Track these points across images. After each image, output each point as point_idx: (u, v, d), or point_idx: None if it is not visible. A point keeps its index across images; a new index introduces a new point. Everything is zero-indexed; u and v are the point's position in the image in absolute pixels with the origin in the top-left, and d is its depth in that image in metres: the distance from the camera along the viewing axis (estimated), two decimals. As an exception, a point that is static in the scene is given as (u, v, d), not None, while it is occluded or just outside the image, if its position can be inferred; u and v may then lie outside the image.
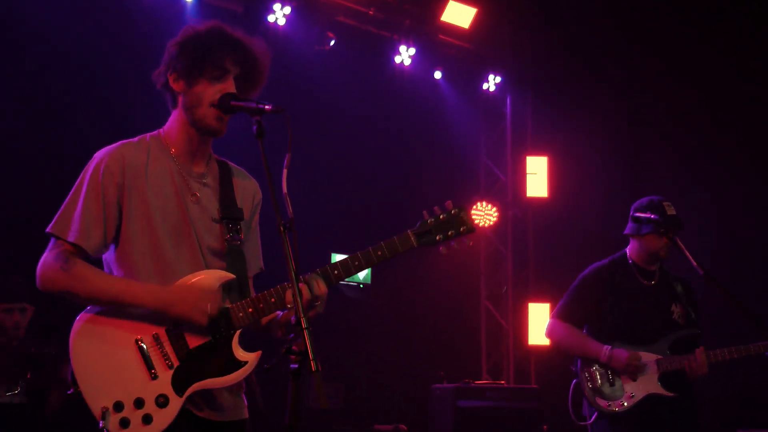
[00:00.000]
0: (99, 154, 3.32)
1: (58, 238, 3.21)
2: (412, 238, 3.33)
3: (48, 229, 3.23)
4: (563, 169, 10.51)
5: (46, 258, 3.20)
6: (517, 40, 10.61)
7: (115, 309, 3.20)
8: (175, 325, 3.19)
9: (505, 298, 10.67)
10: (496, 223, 10.51)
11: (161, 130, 3.44)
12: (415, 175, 9.78)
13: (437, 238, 3.33)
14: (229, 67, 3.29)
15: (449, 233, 3.34)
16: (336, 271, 3.28)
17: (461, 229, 3.35)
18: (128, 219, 3.25)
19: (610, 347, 5.32)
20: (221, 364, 3.19)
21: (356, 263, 3.29)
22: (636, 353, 5.30)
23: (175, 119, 3.40)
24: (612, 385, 5.33)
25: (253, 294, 3.43)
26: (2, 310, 6.23)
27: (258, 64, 3.36)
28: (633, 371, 5.28)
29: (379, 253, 3.30)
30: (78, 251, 3.20)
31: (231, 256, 3.33)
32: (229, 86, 3.28)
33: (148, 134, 3.43)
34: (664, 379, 5.31)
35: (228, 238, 3.33)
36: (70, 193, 3.28)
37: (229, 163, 3.55)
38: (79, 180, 3.29)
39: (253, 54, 3.35)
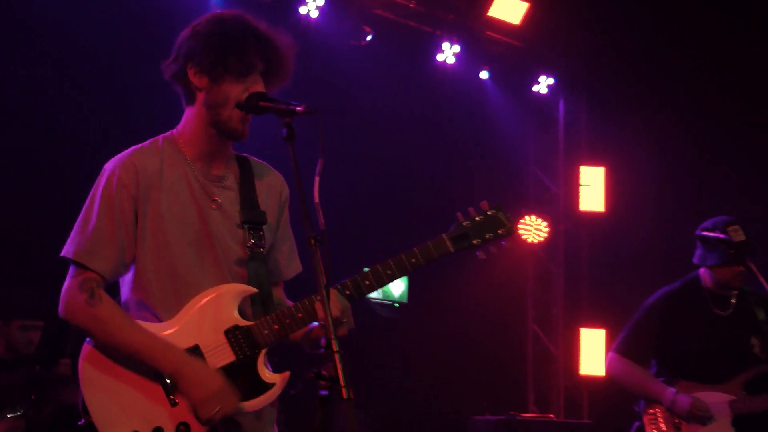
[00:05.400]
0: (109, 166, 3.26)
1: (78, 264, 3.17)
2: (448, 243, 3.32)
3: (63, 253, 3.19)
4: (622, 181, 10.43)
5: (71, 286, 3.16)
6: (573, 39, 10.48)
7: None
8: (194, 348, 3.17)
9: (554, 322, 10.62)
10: (546, 239, 10.46)
11: (175, 131, 3.38)
12: (458, 185, 9.73)
13: (474, 242, 3.34)
14: (256, 64, 3.25)
15: (486, 236, 3.35)
16: (367, 281, 3.28)
17: (499, 231, 3.36)
18: (143, 235, 3.21)
19: (674, 391, 5.21)
20: (246, 387, 3.16)
21: (388, 272, 3.28)
22: (700, 403, 5.16)
23: (192, 117, 3.33)
24: (678, 430, 5.23)
25: (287, 301, 3.44)
26: (18, 327, 6.34)
27: (284, 60, 3.33)
28: (698, 419, 5.17)
29: (413, 260, 3.28)
30: (102, 280, 3.17)
31: (253, 264, 3.30)
32: (257, 84, 3.24)
33: (161, 136, 3.37)
34: (740, 422, 5.18)
35: (251, 244, 3.31)
36: (82, 210, 3.24)
37: (250, 158, 3.50)
38: (90, 196, 3.25)
39: (280, 49, 3.31)
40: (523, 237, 10.23)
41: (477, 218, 3.36)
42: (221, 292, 3.22)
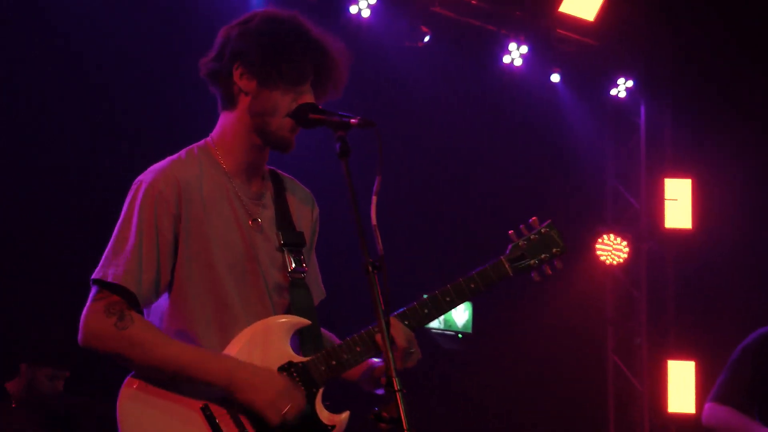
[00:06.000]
0: (147, 178, 3.19)
1: (105, 285, 3.08)
2: (507, 266, 3.39)
3: (96, 276, 3.10)
4: (711, 195, 10.42)
5: (95, 308, 3.08)
6: (654, 36, 10.43)
7: None
8: None
9: (638, 353, 10.56)
10: (626, 260, 10.42)
11: (209, 139, 3.33)
12: (527, 199, 9.62)
13: (531, 263, 3.41)
14: (309, 73, 3.24)
15: (542, 256, 3.43)
16: (426, 310, 3.31)
17: (553, 250, 3.43)
18: (184, 257, 3.16)
19: None
20: (304, 429, 3.15)
21: (447, 299, 3.33)
22: None
23: (231, 124, 3.28)
24: None
25: (324, 331, 3.44)
26: (46, 376, 6.38)
27: (338, 71, 3.32)
28: None
29: (472, 285, 3.35)
30: (132, 302, 3.09)
31: (295, 291, 3.29)
32: (307, 94, 3.22)
33: (195, 146, 3.33)
34: None
35: (291, 269, 3.29)
36: (116, 228, 3.17)
37: (279, 172, 3.49)
38: (125, 212, 3.17)
39: (335, 59, 3.29)
40: (602, 258, 10.31)
41: (532, 237, 3.43)
42: (271, 325, 3.20)
